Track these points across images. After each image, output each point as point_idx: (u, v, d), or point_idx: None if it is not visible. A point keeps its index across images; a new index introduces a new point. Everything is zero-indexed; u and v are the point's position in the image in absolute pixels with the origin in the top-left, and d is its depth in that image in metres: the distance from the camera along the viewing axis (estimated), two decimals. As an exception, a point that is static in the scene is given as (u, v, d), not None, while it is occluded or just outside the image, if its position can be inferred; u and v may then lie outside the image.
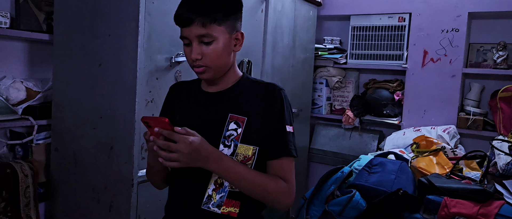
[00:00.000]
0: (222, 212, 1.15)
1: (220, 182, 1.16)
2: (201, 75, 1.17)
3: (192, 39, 1.13)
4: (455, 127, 2.88)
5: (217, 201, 1.16)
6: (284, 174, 1.18)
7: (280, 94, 1.20)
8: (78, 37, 1.91)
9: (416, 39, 3.06)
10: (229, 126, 1.17)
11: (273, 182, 1.15)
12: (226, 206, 1.16)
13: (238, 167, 1.13)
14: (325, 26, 3.64)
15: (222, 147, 1.16)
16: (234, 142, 1.16)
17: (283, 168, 1.18)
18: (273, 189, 1.15)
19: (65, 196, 2.01)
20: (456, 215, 1.88)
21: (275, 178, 1.17)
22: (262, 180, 1.15)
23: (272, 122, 1.17)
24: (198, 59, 1.13)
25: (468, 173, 2.32)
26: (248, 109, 1.18)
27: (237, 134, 1.16)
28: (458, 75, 2.93)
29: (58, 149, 2.02)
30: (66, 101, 1.97)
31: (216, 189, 1.16)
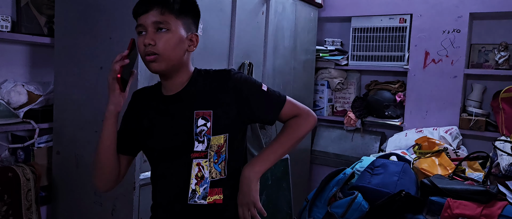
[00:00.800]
0: (208, 202, 1.22)
1: (201, 175, 1.22)
2: (152, 64, 1.17)
3: (148, 26, 1.15)
4: (457, 128, 2.87)
5: (202, 193, 1.22)
6: (293, 113, 1.30)
7: (233, 75, 1.25)
8: (79, 40, 1.91)
9: (417, 40, 3.06)
10: (198, 122, 1.21)
11: (297, 127, 1.29)
12: (211, 196, 1.23)
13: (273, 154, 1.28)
14: (326, 27, 3.63)
15: (196, 144, 1.21)
16: (207, 136, 1.21)
17: (290, 111, 1.30)
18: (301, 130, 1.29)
19: (67, 200, 2.01)
20: (459, 216, 1.87)
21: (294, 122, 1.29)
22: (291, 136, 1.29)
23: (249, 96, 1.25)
24: (151, 45, 1.15)
25: (470, 174, 2.31)
26: (211, 101, 1.23)
27: (208, 128, 1.21)
28: (460, 76, 2.92)
29: (60, 153, 2.01)
30: (68, 104, 1.97)
31: (198, 182, 1.22)
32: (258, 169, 1.26)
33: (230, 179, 1.26)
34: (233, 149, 1.26)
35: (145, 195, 1.83)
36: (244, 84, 1.26)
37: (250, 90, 1.26)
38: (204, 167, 1.22)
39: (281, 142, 1.29)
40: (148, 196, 1.84)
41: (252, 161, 1.28)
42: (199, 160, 1.21)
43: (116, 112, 1.21)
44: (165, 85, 1.26)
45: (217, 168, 1.24)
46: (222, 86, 1.25)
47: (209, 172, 1.22)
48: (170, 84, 1.25)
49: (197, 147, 1.21)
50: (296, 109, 1.31)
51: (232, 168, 1.26)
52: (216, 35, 2.18)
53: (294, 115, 1.31)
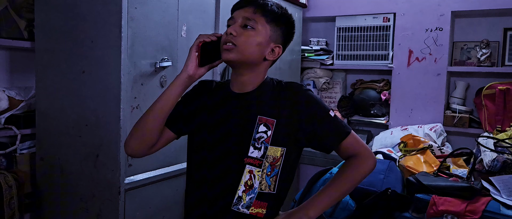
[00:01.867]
0: (250, 213, 1.19)
1: (250, 184, 1.19)
2: (227, 53, 1.18)
3: (237, 20, 1.20)
4: (442, 125, 2.90)
5: (247, 202, 1.19)
6: (353, 150, 1.25)
7: (305, 92, 1.24)
8: (61, 44, 1.88)
9: (401, 38, 3.08)
10: (259, 128, 1.19)
11: (354, 170, 1.24)
12: (255, 207, 1.19)
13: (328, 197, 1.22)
14: (311, 27, 3.65)
15: (252, 149, 1.18)
16: (264, 144, 1.19)
17: (351, 146, 1.25)
18: (359, 173, 1.25)
19: (52, 206, 1.98)
20: (444, 212, 1.89)
21: (352, 164, 1.25)
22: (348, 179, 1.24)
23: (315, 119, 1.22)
24: (233, 35, 1.17)
25: (455, 170, 2.34)
26: (276, 110, 1.21)
27: (267, 136, 1.19)
28: (443, 74, 2.96)
29: (44, 159, 1.98)
30: (50, 109, 1.94)
31: (246, 190, 1.19)
32: (313, 215, 1.21)
33: (277, 197, 1.22)
34: (287, 166, 1.22)
35: (131, 200, 1.82)
36: (315, 104, 1.23)
37: (319, 111, 1.23)
38: (255, 176, 1.19)
39: (338, 186, 1.24)
40: (133, 201, 1.83)
41: (307, 203, 1.23)
42: (253, 167, 1.19)
43: (186, 79, 1.20)
44: (235, 82, 1.26)
45: (268, 181, 1.20)
46: (292, 99, 1.22)
47: (259, 183, 1.18)
48: (240, 82, 1.24)
49: (252, 153, 1.18)
50: (357, 146, 1.27)
51: (281, 187, 1.22)
52: (200, 37, 2.17)
53: (355, 152, 1.26)
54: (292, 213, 1.22)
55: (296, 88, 1.24)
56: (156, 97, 1.87)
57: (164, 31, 1.93)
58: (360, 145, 1.27)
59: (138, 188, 1.85)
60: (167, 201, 2.02)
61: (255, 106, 1.21)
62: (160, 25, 1.90)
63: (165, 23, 1.93)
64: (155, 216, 1.96)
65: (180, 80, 1.21)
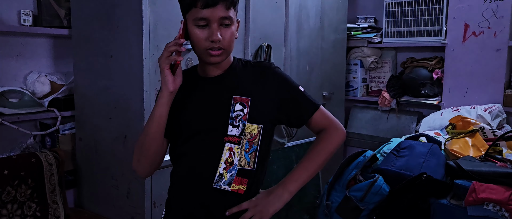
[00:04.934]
0: (231, 190, 1.22)
1: (230, 161, 1.22)
2: (216, 58, 1.18)
3: (214, 21, 1.14)
4: (501, 106, 2.64)
5: (228, 179, 1.21)
6: (323, 123, 1.30)
7: (275, 69, 1.27)
8: (92, 30, 1.97)
9: (455, 12, 2.83)
10: (235, 107, 1.22)
11: (326, 142, 1.29)
12: (235, 184, 1.22)
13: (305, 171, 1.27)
14: (358, 4, 3.47)
15: (230, 128, 1.21)
16: (242, 121, 1.22)
17: (321, 120, 1.30)
18: (331, 145, 1.29)
19: (89, 183, 2.11)
20: (485, 200, 1.72)
21: (323, 137, 1.29)
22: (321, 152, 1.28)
23: (287, 95, 1.26)
24: (219, 41, 1.15)
25: (509, 155, 2.13)
26: (249, 89, 1.24)
27: (244, 114, 1.22)
28: (504, 49, 2.67)
29: (82, 139, 2.11)
30: (86, 92, 2.05)
31: (227, 167, 1.22)
32: (293, 189, 1.25)
33: (257, 174, 1.25)
34: (264, 143, 1.25)
35: (158, 179, 1.87)
36: (284, 82, 1.28)
37: (290, 88, 1.28)
38: (235, 153, 1.22)
39: (314, 159, 1.28)
40: (160, 180, 1.88)
41: (286, 179, 1.27)
42: (232, 145, 1.21)
43: (169, 95, 1.17)
44: (206, 69, 1.26)
45: (247, 158, 1.24)
46: (262, 78, 1.26)
47: (239, 160, 1.22)
48: (212, 69, 1.25)
49: (231, 131, 1.21)
50: (327, 120, 1.31)
51: (260, 163, 1.25)
52: (228, 18, 2.16)
53: (324, 125, 1.31)
54: (272, 190, 1.25)
55: (265, 66, 1.28)
56: (182, 80, 1.92)
57: (189, 13, 1.94)
58: (329, 118, 1.31)
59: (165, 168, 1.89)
60: (195, 181, 2.06)
61: (229, 87, 1.23)
62: (184, 8, 1.91)
63: (189, 5, 1.94)
64: (182, 196, 2.01)
65: (164, 98, 1.17)
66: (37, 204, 1.91)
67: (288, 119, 1.30)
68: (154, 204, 1.88)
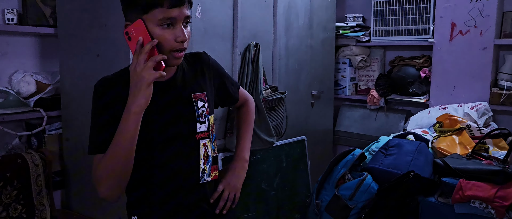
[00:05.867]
0: (211, 179, 1.32)
1: (206, 155, 1.29)
2: (179, 60, 1.15)
3: (179, 21, 1.11)
4: (487, 104, 2.67)
5: (208, 171, 1.30)
6: (243, 98, 1.50)
7: (210, 58, 1.36)
8: (79, 29, 1.94)
9: (442, 11, 2.85)
10: (198, 104, 1.26)
11: (250, 113, 1.52)
12: (212, 172, 1.32)
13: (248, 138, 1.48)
14: (347, 3, 3.48)
15: (199, 125, 1.26)
16: (206, 116, 1.28)
17: (242, 94, 1.49)
18: (253, 112, 1.54)
19: (77, 184, 2.09)
20: (471, 198, 1.75)
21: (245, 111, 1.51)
22: (251, 120, 1.52)
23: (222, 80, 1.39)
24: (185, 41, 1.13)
25: (495, 153, 2.16)
26: (200, 84, 1.29)
27: (206, 108, 1.28)
28: (490, 47, 2.70)
29: (69, 139, 2.09)
30: (73, 92, 2.03)
31: (205, 161, 1.29)
32: (247, 157, 1.46)
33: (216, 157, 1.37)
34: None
35: (146, 179, 1.86)
36: (219, 67, 1.40)
37: (221, 75, 1.40)
38: (208, 147, 1.29)
39: (250, 129, 1.50)
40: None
41: (238, 150, 1.46)
42: (204, 140, 1.27)
43: (146, 106, 1.08)
44: None
45: (213, 147, 1.33)
46: (203, 69, 1.32)
47: (211, 151, 1.30)
48: None
49: (200, 128, 1.26)
50: (244, 94, 1.51)
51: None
52: (217, 17, 2.14)
53: (244, 99, 1.51)
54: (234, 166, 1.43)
55: (204, 58, 1.34)
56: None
57: (177, 12, 1.93)
58: (245, 92, 1.52)
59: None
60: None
61: (185, 87, 1.25)
62: (172, 6, 1.90)
63: (177, 4, 1.93)
64: (171, 196, 2.00)
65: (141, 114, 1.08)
66: (23, 206, 1.88)
67: (222, 101, 1.43)
68: (143, 204, 1.86)
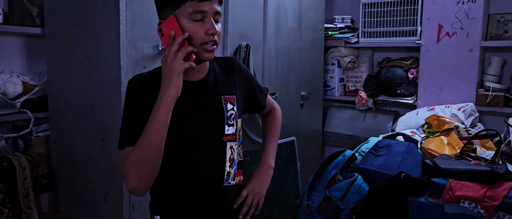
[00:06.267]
0: (236, 183, 1.32)
1: (232, 158, 1.29)
2: (211, 54, 1.17)
3: (210, 14, 1.13)
4: (474, 105, 2.71)
5: (233, 174, 1.29)
6: (271, 106, 1.50)
7: (241, 64, 1.38)
8: (67, 29, 1.91)
9: (429, 12, 2.89)
10: (227, 107, 1.27)
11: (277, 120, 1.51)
12: (237, 176, 1.32)
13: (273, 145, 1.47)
14: (335, 4, 3.50)
15: (227, 127, 1.26)
16: (235, 119, 1.28)
17: (269, 102, 1.49)
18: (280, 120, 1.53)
19: (65, 187, 2.05)
20: (461, 198, 1.77)
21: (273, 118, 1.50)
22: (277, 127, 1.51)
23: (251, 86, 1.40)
24: (217, 34, 1.15)
25: (483, 153, 2.18)
26: (231, 87, 1.30)
27: (235, 112, 1.29)
28: (476, 49, 2.74)
29: (57, 141, 2.05)
30: (61, 93, 1.99)
31: (231, 165, 1.28)
32: (273, 164, 1.44)
33: (243, 162, 1.36)
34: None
35: (136, 182, 1.84)
36: (249, 73, 1.41)
37: (253, 79, 1.42)
38: (234, 150, 1.29)
39: (276, 136, 1.49)
40: (139, 182, 1.85)
41: (264, 157, 1.44)
42: (231, 143, 1.27)
43: (177, 97, 1.11)
44: (188, 72, 1.19)
45: (239, 151, 1.33)
46: (234, 73, 1.34)
47: (237, 155, 1.31)
48: (195, 71, 1.21)
49: (228, 131, 1.26)
50: (271, 102, 1.51)
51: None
52: (207, 18, 2.13)
53: (272, 107, 1.50)
54: (259, 172, 1.40)
55: (235, 63, 1.36)
56: (160, 80, 1.89)
57: (168, 12, 1.91)
58: (272, 100, 1.52)
59: (143, 170, 1.86)
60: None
61: (216, 88, 1.26)
62: (162, 7, 1.88)
63: (168, 5, 1.91)
64: (161, 198, 1.98)
65: (172, 104, 1.10)
66: (9, 210, 1.84)
67: (249, 107, 1.43)
68: (133, 207, 1.84)
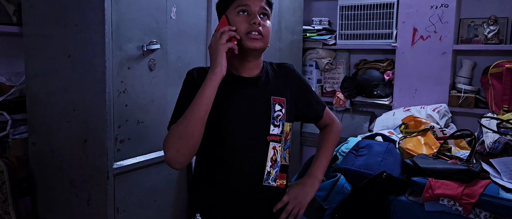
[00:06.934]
0: (277, 185, 1.33)
1: (274, 159, 1.31)
2: (256, 42, 1.25)
3: (255, 9, 1.26)
4: (447, 106, 2.82)
5: (274, 175, 1.32)
6: (329, 119, 1.52)
7: (296, 71, 1.43)
8: (47, 28, 1.85)
9: (405, 16, 2.98)
10: (275, 107, 1.32)
11: (335, 134, 1.52)
12: (279, 179, 1.34)
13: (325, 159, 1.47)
14: (313, 6, 3.55)
15: (272, 127, 1.30)
16: (282, 121, 1.32)
17: (327, 115, 1.52)
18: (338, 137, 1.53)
19: (45, 191, 1.99)
20: (440, 196, 1.84)
21: (329, 132, 1.51)
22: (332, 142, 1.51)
23: (305, 94, 1.44)
24: (259, 24, 1.24)
25: (457, 152, 2.27)
26: (281, 90, 1.35)
27: (282, 114, 1.33)
28: (449, 52, 2.85)
29: (36, 143, 1.99)
30: (40, 94, 1.93)
31: (272, 165, 1.31)
32: (320, 177, 1.44)
33: (289, 168, 1.38)
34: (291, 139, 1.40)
35: (120, 185, 1.81)
36: (304, 82, 1.46)
37: (308, 88, 1.46)
38: (277, 151, 1.32)
39: (329, 149, 1.50)
40: (123, 185, 1.82)
41: (312, 168, 1.45)
42: (275, 144, 1.31)
43: (220, 79, 1.20)
44: (241, 67, 1.32)
45: (284, 154, 1.35)
46: (287, 79, 1.39)
47: (280, 157, 1.33)
48: (247, 67, 1.32)
49: (273, 131, 1.30)
50: (330, 116, 1.53)
51: (290, 158, 1.38)
52: (191, 18, 2.12)
53: (330, 120, 1.53)
54: (304, 182, 1.41)
55: (289, 68, 1.42)
56: (145, 81, 1.88)
57: (152, 13, 1.89)
58: (331, 115, 1.54)
59: (128, 173, 1.84)
60: (158, 186, 2.01)
61: (266, 88, 1.32)
62: (147, 7, 1.86)
63: (152, 5, 1.89)
64: (145, 201, 1.95)
65: (217, 81, 1.20)
66: (-14, 215, 1.78)
67: (304, 116, 1.47)
68: (117, 210, 1.81)
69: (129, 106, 1.82)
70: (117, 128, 1.77)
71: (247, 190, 1.31)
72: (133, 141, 1.86)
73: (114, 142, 1.77)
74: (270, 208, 1.36)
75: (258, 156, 1.30)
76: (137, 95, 1.85)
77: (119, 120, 1.78)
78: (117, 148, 1.79)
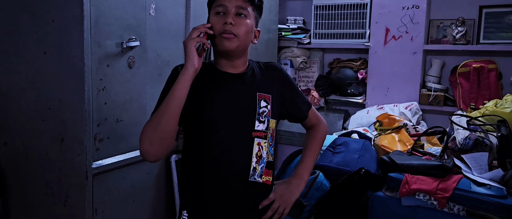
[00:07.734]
0: (263, 181, 1.34)
1: (260, 155, 1.32)
2: (228, 42, 1.26)
3: (230, 9, 1.26)
4: (418, 104, 2.91)
5: (259, 171, 1.33)
6: (315, 119, 1.53)
7: (282, 70, 1.46)
8: (22, 24, 1.78)
9: (377, 16, 3.05)
10: (260, 103, 1.33)
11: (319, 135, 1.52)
12: (264, 176, 1.35)
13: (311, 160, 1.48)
14: (288, 6, 3.59)
15: (257, 123, 1.31)
16: (267, 117, 1.33)
17: (313, 115, 1.52)
18: (324, 137, 1.55)
19: (18, 192, 1.92)
20: (416, 191, 1.90)
21: (315, 132, 1.52)
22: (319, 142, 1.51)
23: (291, 93, 1.45)
24: (232, 25, 1.25)
25: (429, 148, 2.35)
26: (267, 87, 1.36)
27: (268, 110, 1.34)
28: (420, 52, 2.95)
29: (7, 143, 1.91)
30: (11, 92, 1.85)
31: (257, 161, 1.32)
32: (306, 177, 1.46)
33: (274, 164, 1.40)
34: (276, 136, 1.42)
35: (99, 185, 1.77)
36: (290, 81, 1.47)
37: (294, 87, 1.47)
38: (263, 147, 1.32)
39: (315, 149, 1.50)
40: (101, 185, 1.78)
41: (298, 168, 1.47)
42: (260, 140, 1.32)
43: (193, 73, 1.22)
44: (225, 65, 1.33)
45: (270, 150, 1.36)
46: (274, 77, 1.40)
47: (266, 153, 1.33)
48: (231, 65, 1.33)
49: (258, 127, 1.31)
50: (317, 116, 1.55)
51: (275, 154, 1.38)
52: (170, 16, 2.10)
53: (316, 121, 1.53)
54: (290, 181, 1.44)
55: (276, 67, 1.44)
56: (124, 79, 1.84)
57: (131, 9, 1.86)
58: (318, 116, 1.55)
59: (107, 172, 1.80)
60: (137, 186, 1.98)
61: (252, 85, 1.33)
62: (126, 3, 1.82)
63: (132, 1, 1.85)
64: (125, 201, 1.92)
65: (189, 75, 1.22)
66: (-45, 219, 1.69)
67: (289, 115, 1.47)
68: (96, 211, 1.77)
69: (108, 104, 1.78)
70: (96, 126, 1.73)
71: (233, 186, 1.32)
72: (112, 140, 1.82)
73: (93, 141, 1.73)
74: (256, 204, 1.37)
75: (243, 152, 1.31)
76: (116, 93, 1.82)
77: (98, 119, 1.74)
78: (96, 147, 1.75)
